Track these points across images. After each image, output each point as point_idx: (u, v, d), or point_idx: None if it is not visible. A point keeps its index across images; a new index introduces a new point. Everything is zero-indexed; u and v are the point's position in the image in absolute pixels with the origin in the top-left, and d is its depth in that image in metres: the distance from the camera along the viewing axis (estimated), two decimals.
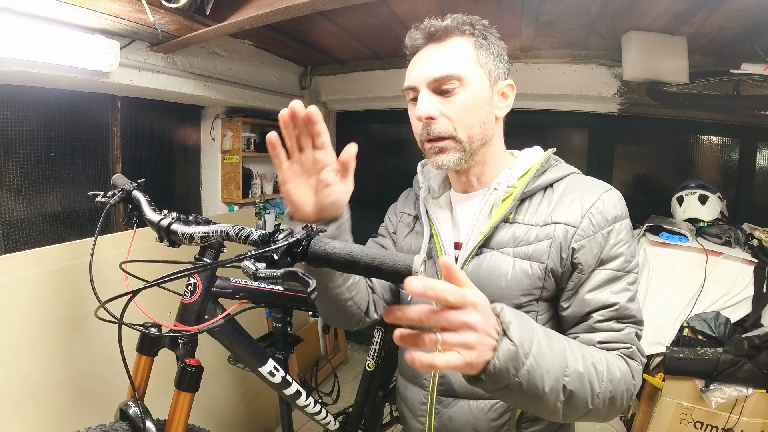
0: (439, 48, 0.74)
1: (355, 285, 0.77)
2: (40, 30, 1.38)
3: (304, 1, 1.39)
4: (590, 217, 0.70)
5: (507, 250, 0.74)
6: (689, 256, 1.89)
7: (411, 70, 0.76)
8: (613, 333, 0.68)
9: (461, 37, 0.74)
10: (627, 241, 0.71)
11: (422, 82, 0.73)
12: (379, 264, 0.50)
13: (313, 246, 0.53)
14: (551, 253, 0.71)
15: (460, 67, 0.72)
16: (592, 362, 0.60)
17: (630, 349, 0.68)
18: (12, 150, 1.66)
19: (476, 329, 0.49)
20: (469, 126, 0.73)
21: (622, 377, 0.64)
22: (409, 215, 0.92)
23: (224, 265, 0.52)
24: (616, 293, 0.69)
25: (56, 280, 1.26)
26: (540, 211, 0.75)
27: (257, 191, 2.81)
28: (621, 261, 0.70)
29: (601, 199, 0.72)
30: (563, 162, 0.82)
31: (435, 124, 0.72)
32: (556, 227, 0.72)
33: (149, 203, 0.96)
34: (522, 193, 0.75)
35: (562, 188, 0.76)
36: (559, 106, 2.61)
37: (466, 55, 0.74)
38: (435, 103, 0.73)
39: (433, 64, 0.73)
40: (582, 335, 0.69)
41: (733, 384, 1.61)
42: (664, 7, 1.67)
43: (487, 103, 0.75)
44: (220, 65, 2.28)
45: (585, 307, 0.70)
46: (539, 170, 0.77)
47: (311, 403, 1.30)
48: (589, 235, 0.70)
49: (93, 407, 1.32)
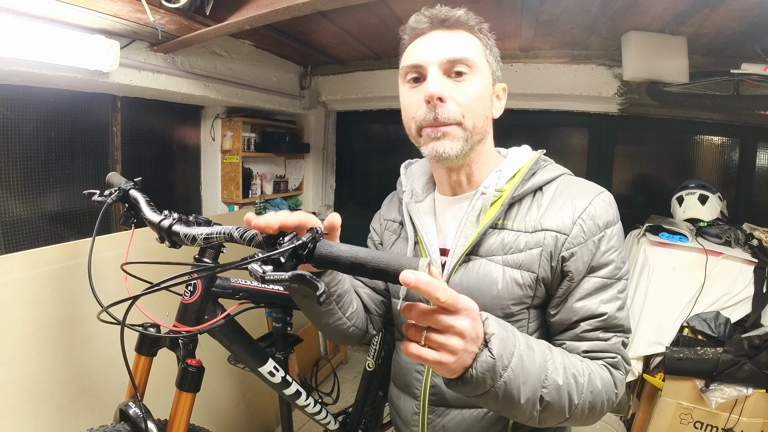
0: (450, 34, 0.71)
1: (354, 314, 0.80)
2: (40, 30, 1.38)
3: (304, 1, 1.39)
4: (581, 223, 0.68)
5: (496, 258, 0.72)
6: (689, 256, 1.89)
7: (416, 50, 0.72)
8: (600, 343, 0.67)
9: (470, 33, 0.73)
10: (618, 247, 0.69)
11: (434, 62, 0.69)
12: (385, 267, 0.50)
13: (319, 248, 0.53)
14: (542, 261, 0.69)
15: (475, 55, 0.71)
16: (572, 373, 0.60)
17: (615, 358, 0.67)
18: (12, 150, 1.66)
19: (464, 335, 0.49)
20: (476, 115, 0.71)
21: (604, 387, 0.64)
22: (394, 221, 0.89)
23: (231, 267, 0.51)
24: (606, 302, 0.68)
25: (56, 281, 1.25)
26: (530, 217, 0.72)
27: (257, 191, 2.81)
28: (611, 268, 0.68)
29: (592, 204, 0.69)
30: (552, 162, 0.80)
31: (443, 107, 0.68)
32: (546, 234, 0.69)
33: (148, 203, 0.95)
34: (510, 197, 0.72)
35: (551, 191, 0.73)
36: (559, 106, 2.61)
37: (477, 47, 0.72)
38: (446, 84, 0.69)
39: (447, 45, 0.70)
40: (568, 343, 0.69)
41: (733, 384, 1.61)
42: (664, 7, 1.67)
43: (489, 99, 0.74)
44: (220, 65, 2.28)
45: (573, 316, 0.69)
46: (528, 173, 0.74)
47: (311, 403, 1.30)
48: (580, 243, 0.68)
49: (93, 407, 1.32)
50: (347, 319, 0.79)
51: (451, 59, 0.69)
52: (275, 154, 2.98)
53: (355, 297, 0.83)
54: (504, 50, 2.48)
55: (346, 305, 0.78)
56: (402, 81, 0.75)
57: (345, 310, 0.78)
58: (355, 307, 0.80)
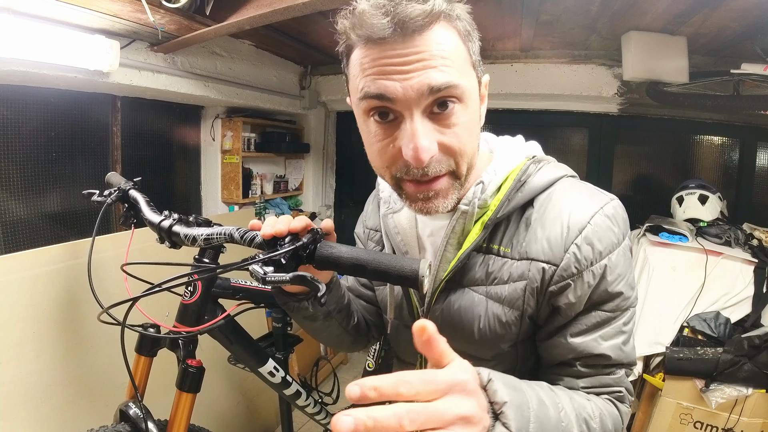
0: (423, 41, 0.48)
1: (354, 326, 0.78)
2: (40, 30, 1.38)
3: (304, 1, 1.39)
4: (575, 251, 0.54)
5: (479, 288, 0.60)
6: (689, 256, 1.90)
7: (378, 69, 0.49)
8: (602, 378, 0.58)
9: (447, 25, 0.50)
10: (625, 273, 0.56)
11: (413, 99, 0.49)
12: (386, 269, 0.50)
13: (320, 249, 0.53)
14: (526, 297, 0.57)
15: (459, 72, 0.51)
16: (584, 418, 0.51)
17: (620, 393, 0.58)
18: (12, 150, 1.66)
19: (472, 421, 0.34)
20: (470, 153, 0.54)
21: (614, 427, 0.55)
22: (377, 231, 0.77)
23: (233, 268, 0.51)
24: (607, 339, 0.56)
25: (56, 281, 1.25)
26: (517, 238, 0.59)
27: (257, 191, 2.81)
28: (618, 301, 0.56)
29: (591, 224, 0.54)
30: (550, 162, 0.64)
31: (432, 161, 0.51)
32: (532, 265, 0.56)
33: (148, 203, 0.95)
34: (495, 217, 0.58)
35: (541, 203, 0.58)
36: (559, 106, 2.61)
37: (457, 47, 0.51)
38: (432, 130, 0.51)
39: (424, 65, 0.48)
40: (566, 379, 0.59)
41: (733, 384, 1.61)
42: (664, 7, 1.67)
43: (479, 118, 0.57)
44: (220, 65, 2.28)
45: (567, 353, 0.58)
46: (515, 186, 0.58)
47: (311, 403, 1.30)
48: (573, 275, 0.54)
49: (93, 407, 1.32)
50: (352, 329, 0.77)
51: (434, 87, 0.48)
52: (275, 154, 2.98)
53: (356, 309, 0.81)
54: (504, 50, 2.48)
55: (349, 318, 0.76)
56: (359, 111, 0.54)
57: (349, 322, 0.76)
58: (355, 320, 0.79)
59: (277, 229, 0.53)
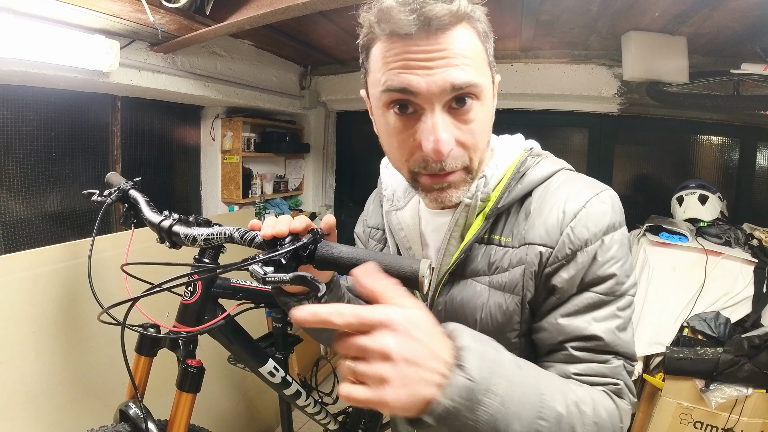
0: (446, 39, 0.51)
1: None
2: (40, 30, 1.38)
3: (304, 1, 1.39)
4: (569, 233, 0.56)
5: (482, 278, 0.62)
6: (689, 256, 1.89)
7: (402, 64, 0.51)
8: (595, 365, 0.55)
9: (468, 26, 0.53)
10: (620, 257, 0.56)
11: (436, 94, 0.51)
12: (386, 269, 0.49)
13: (320, 249, 0.53)
14: (525, 281, 0.58)
15: (477, 71, 0.53)
16: (574, 401, 0.48)
17: (617, 385, 0.55)
18: (12, 150, 1.66)
19: (390, 357, 0.37)
20: (483, 149, 0.58)
21: (609, 419, 0.51)
22: (378, 229, 0.79)
23: (233, 269, 0.51)
24: (599, 321, 0.55)
25: (56, 281, 1.25)
26: (517, 228, 0.61)
27: (257, 191, 2.81)
28: (611, 284, 0.56)
29: (586, 207, 0.56)
30: (547, 156, 0.67)
31: (449, 156, 0.54)
32: (529, 249, 0.58)
33: (148, 203, 0.95)
34: (495, 209, 0.61)
35: (540, 194, 0.61)
36: (559, 106, 2.61)
37: (477, 51, 0.54)
38: (451, 126, 0.53)
39: (448, 63, 0.51)
40: (557, 365, 0.57)
41: (733, 384, 1.61)
42: (664, 7, 1.67)
43: (492, 115, 0.60)
44: (220, 65, 2.28)
45: (557, 335, 0.57)
46: (514, 177, 0.62)
47: (311, 403, 1.30)
48: (567, 255, 0.56)
49: (93, 407, 1.32)
50: None
51: (456, 85, 0.51)
52: (275, 154, 2.98)
53: None
54: (504, 50, 2.48)
55: None
56: (379, 104, 0.56)
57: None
58: None
59: (278, 229, 0.53)
